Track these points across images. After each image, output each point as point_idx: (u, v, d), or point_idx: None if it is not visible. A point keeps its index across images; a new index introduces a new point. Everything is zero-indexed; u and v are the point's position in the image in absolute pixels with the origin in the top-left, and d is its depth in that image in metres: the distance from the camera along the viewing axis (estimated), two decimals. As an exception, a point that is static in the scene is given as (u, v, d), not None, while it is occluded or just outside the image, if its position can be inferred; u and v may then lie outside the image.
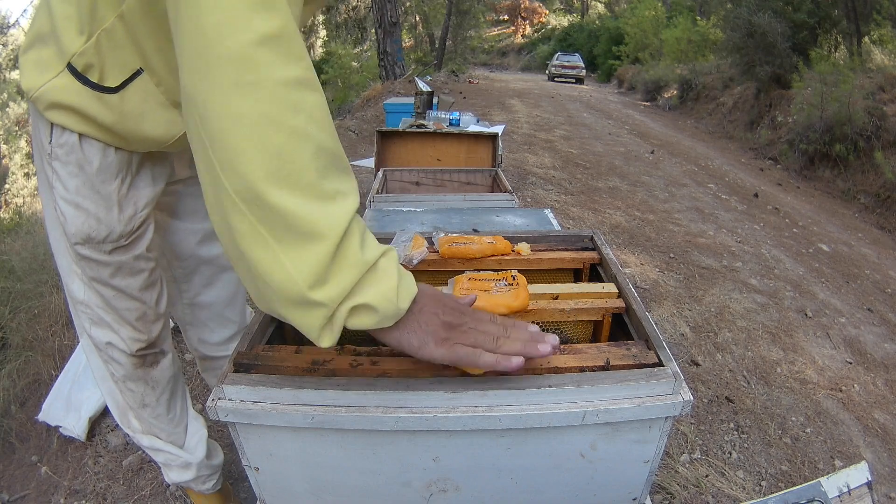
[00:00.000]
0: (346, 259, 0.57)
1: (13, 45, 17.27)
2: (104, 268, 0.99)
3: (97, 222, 0.95)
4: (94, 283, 1.01)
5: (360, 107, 8.67)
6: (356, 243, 0.58)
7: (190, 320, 1.30)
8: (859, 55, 8.02)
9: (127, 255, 1.01)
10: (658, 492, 1.59)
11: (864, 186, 6.06)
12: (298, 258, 0.55)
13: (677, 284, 3.04)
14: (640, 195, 4.77)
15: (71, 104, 0.85)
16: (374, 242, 0.62)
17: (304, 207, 0.54)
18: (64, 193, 0.93)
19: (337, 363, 0.88)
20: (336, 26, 24.31)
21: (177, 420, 1.21)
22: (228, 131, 0.52)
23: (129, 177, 0.97)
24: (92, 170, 0.92)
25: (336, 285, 0.57)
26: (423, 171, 2.81)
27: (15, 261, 2.45)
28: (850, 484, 0.92)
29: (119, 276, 1.01)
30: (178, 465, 1.24)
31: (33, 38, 0.86)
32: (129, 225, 0.98)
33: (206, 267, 1.25)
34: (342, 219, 0.56)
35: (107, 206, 0.95)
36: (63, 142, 0.90)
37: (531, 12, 34.26)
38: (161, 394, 1.16)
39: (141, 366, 1.11)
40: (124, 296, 1.03)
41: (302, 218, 0.54)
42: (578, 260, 1.29)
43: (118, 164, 0.94)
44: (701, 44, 14.07)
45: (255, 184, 0.52)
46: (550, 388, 0.80)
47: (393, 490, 0.90)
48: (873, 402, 2.23)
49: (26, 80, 0.86)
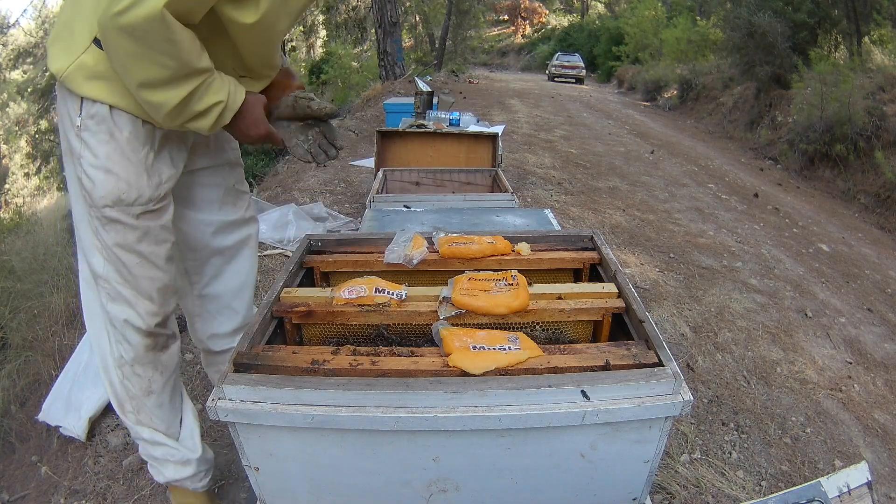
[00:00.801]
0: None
1: (13, 45, 17.26)
2: (132, 231, 1.04)
3: (127, 185, 1.01)
4: (118, 251, 1.04)
5: (360, 107, 8.68)
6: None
7: (199, 312, 1.33)
8: (859, 55, 8.01)
9: (155, 222, 1.06)
10: (658, 492, 1.59)
11: (864, 186, 6.06)
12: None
13: (677, 284, 3.04)
14: (640, 195, 4.77)
15: (102, 73, 0.94)
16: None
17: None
18: (93, 160, 0.99)
19: (337, 363, 0.88)
20: (336, 26, 24.29)
21: (177, 410, 1.24)
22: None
23: (153, 152, 1.04)
24: (122, 137, 0.99)
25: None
26: (423, 171, 2.81)
27: (15, 261, 2.46)
28: (850, 484, 0.92)
29: (146, 242, 1.06)
30: (176, 460, 1.24)
31: (60, 28, 0.97)
32: (157, 191, 1.04)
33: (218, 258, 1.29)
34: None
35: (136, 172, 1.01)
36: (94, 112, 0.97)
37: (531, 12, 34.26)
38: (167, 381, 1.19)
39: (153, 348, 1.13)
40: (148, 263, 1.07)
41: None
42: (578, 260, 1.29)
43: (146, 135, 1.02)
44: (701, 44, 14.06)
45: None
46: (550, 388, 0.80)
47: (393, 490, 0.89)
48: (873, 402, 2.23)
49: (56, 63, 0.96)
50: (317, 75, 14.73)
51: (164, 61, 0.85)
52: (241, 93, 0.99)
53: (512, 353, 0.87)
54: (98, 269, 1.07)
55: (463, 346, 0.89)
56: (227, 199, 1.27)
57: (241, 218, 1.30)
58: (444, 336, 0.93)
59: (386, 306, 1.05)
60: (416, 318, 1.06)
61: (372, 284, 1.10)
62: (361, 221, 1.93)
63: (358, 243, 1.35)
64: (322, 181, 4.32)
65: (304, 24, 24.36)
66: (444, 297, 1.07)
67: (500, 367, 0.85)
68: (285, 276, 1.17)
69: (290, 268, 1.21)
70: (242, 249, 1.33)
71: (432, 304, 1.06)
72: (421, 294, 1.10)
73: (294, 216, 3.08)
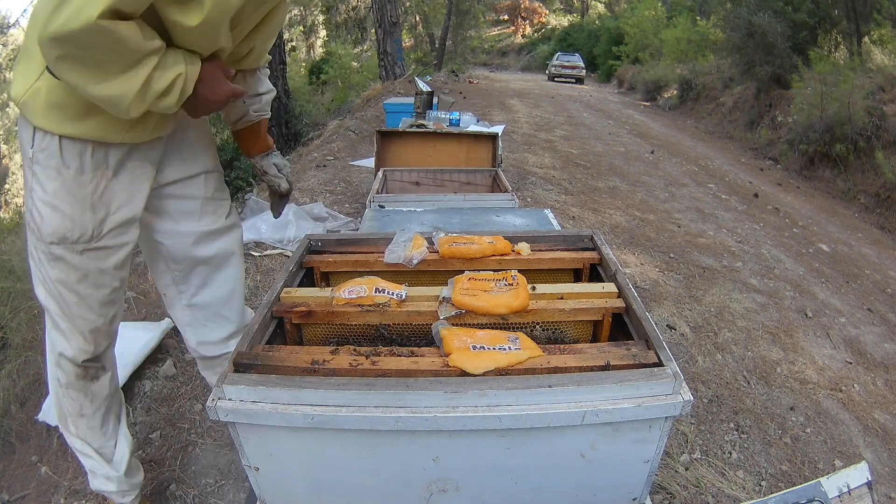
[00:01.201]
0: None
1: (13, 45, 17.25)
2: (73, 271, 1.06)
3: (72, 223, 1.02)
4: (59, 287, 1.07)
5: (360, 107, 8.67)
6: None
7: (189, 321, 1.33)
8: (859, 55, 8.01)
9: (97, 264, 1.07)
10: (658, 492, 1.59)
11: (864, 186, 6.06)
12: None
13: (677, 284, 3.04)
14: (640, 195, 4.77)
15: (56, 101, 0.94)
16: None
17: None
18: (42, 195, 1.01)
19: (337, 363, 0.88)
20: (336, 26, 24.30)
21: (108, 435, 1.27)
22: None
23: (105, 180, 1.04)
24: (69, 174, 1.00)
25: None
26: (423, 171, 2.81)
27: (15, 261, 2.46)
28: (850, 484, 0.92)
29: (84, 284, 1.07)
30: (101, 474, 1.29)
31: (22, 52, 0.98)
32: (99, 227, 1.05)
33: (203, 267, 1.28)
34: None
35: (81, 208, 1.02)
36: (45, 145, 0.98)
37: (531, 12, 34.26)
38: (98, 408, 1.22)
39: (83, 377, 1.17)
40: (85, 305, 1.09)
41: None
42: (578, 260, 1.29)
43: (94, 167, 1.02)
44: (701, 44, 14.05)
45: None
46: (550, 388, 0.80)
47: (393, 490, 0.89)
48: (873, 402, 2.23)
49: (14, 88, 0.97)
50: (317, 75, 14.71)
51: (113, 57, 0.83)
52: (196, 59, 0.96)
53: (512, 353, 0.87)
54: (41, 300, 1.11)
55: (463, 346, 0.89)
56: (207, 208, 1.25)
57: (222, 227, 1.28)
58: (444, 336, 0.93)
59: (386, 306, 1.05)
60: (416, 318, 1.06)
61: (372, 284, 1.10)
62: (361, 221, 1.93)
63: (358, 243, 1.35)
64: (322, 181, 4.32)
65: (304, 24, 24.37)
66: (444, 297, 1.07)
67: (500, 367, 0.85)
68: (285, 276, 1.17)
69: (290, 268, 1.21)
70: (228, 258, 1.31)
71: (432, 304, 1.06)
72: (421, 294, 1.10)
73: (294, 216, 3.08)
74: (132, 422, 1.75)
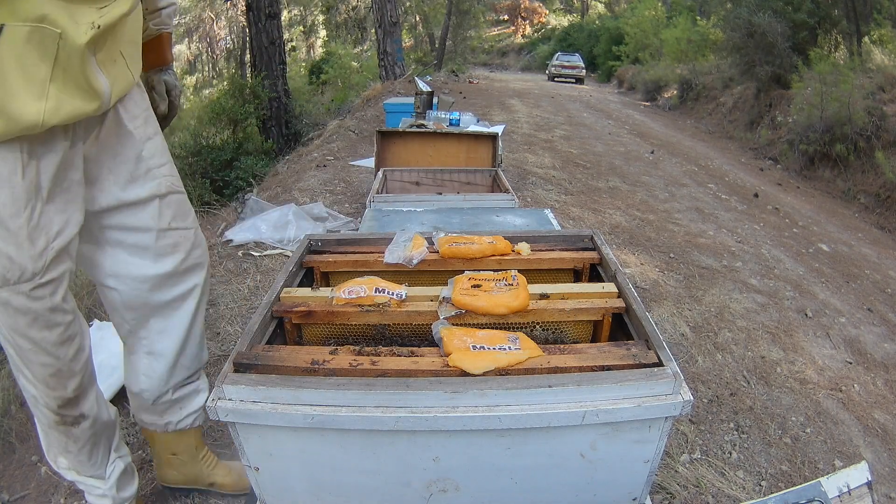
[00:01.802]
0: None
1: (13, 45, 17.20)
2: (22, 316, 0.94)
3: (10, 261, 0.89)
4: (11, 334, 0.96)
5: (360, 107, 8.67)
6: None
7: (146, 372, 1.22)
8: (859, 55, 8.02)
9: (44, 303, 0.95)
10: (658, 492, 1.59)
11: (864, 186, 6.06)
12: None
13: (677, 284, 3.04)
14: (640, 195, 4.77)
15: None
16: None
17: None
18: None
19: (337, 363, 0.88)
20: (336, 26, 24.31)
21: (98, 464, 1.19)
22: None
23: (40, 203, 0.91)
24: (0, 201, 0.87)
25: None
26: (423, 171, 2.81)
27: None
28: (850, 484, 0.92)
29: (35, 328, 0.95)
30: (96, 494, 1.24)
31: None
32: (40, 259, 0.92)
33: (165, 310, 1.17)
34: None
35: (17, 243, 0.89)
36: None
37: (531, 12, 34.27)
38: (83, 446, 1.13)
39: (62, 423, 1.07)
40: (39, 349, 0.97)
41: None
42: (578, 260, 1.29)
43: (26, 194, 0.89)
44: (701, 44, 14.05)
45: None
46: (550, 388, 0.80)
47: (393, 490, 0.89)
48: (873, 402, 2.23)
49: None
50: (317, 75, 14.72)
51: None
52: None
53: (512, 353, 0.87)
54: (3, 346, 1.00)
55: (463, 346, 0.89)
56: (163, 242, 1.08)
57: (184, 267, 1.13)
58: (444, 336, 0.93)
59: (386, 306, 1.05)
60: (416, 318, 1.06)
61: (372, 284, 1.10)
62: (361, 221, 1.93)
63: (358, 243, 1.35)
64: (322, 181, 4.32)
65: (305, 24, 24.36)
66: (444, 297, 1.07)
67: (500, 367, 0.85)
68: (285, 276, 1.17)
69: (290, 268, 1.21)
70: (187, 301, 1.17)
71: (432, 304, 1.06)
72: (421, 294, 1.10)
73: (294, 216, 3.08)
74: (131, 422, 1.75)
